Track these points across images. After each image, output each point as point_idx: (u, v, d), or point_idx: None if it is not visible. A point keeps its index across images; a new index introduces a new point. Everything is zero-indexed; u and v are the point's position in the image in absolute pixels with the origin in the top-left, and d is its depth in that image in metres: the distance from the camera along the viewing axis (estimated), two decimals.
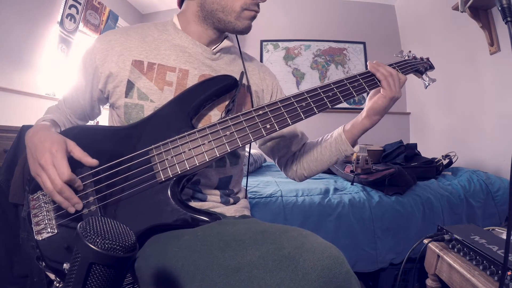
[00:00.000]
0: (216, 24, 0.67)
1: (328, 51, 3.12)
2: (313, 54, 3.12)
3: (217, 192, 0.71)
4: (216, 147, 0.57)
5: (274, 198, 1.36)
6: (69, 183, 0.52)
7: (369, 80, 0.69)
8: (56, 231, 0.55)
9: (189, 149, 0.57)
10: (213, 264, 0.43)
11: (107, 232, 0.34)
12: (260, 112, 0.60)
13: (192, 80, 0.67)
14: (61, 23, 2.21)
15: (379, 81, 0.68)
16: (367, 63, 0.70)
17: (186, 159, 0.57)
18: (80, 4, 2.34)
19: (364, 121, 0.70)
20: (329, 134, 0.78)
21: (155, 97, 0.65)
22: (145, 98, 0.65)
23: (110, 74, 0.66)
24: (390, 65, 0.73)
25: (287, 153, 0.83)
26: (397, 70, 0.72)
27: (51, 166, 0.52)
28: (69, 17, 2.26)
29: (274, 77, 0.83)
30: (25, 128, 0.86)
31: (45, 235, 0.55)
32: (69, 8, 2.26)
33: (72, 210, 0.53)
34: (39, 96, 2.09)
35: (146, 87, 0.65)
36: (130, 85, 0.65)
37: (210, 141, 0.58)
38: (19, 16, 1.90)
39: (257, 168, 2.23)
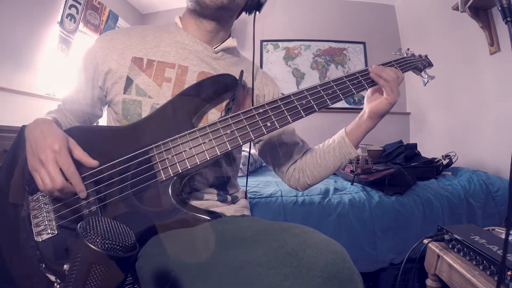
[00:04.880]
0: (198, 9, 0.66)
1: (328, 51, 3.12)
2: (313, 54, 3.12)
3: (213, 190, 0.70)
4: (217, 146, 0.57)
5: (274, 198, 1.36)
6: (72, 180, 0.53)
7: (368, 78, 0.69)
8: (56, 232, 0.55)
9: (190, 148, 0.57)
10: (216, 262, 0.43)
11: (107, 232, 0.34)
12: (261, 110, 0.60)
13: (191, 77, 0.67)
14: (61, 23, 2.21)
15: (383, 88, 0.67)
16: (369, 69, 0.69)
17: (187, 158, 0.56)
18: (80, 4, 2.33)
19: (368, 123, 0.71)
20: (330, 139, 0.77)
21: (153, 93, 0.65)
22: (143, 94, 0.65)
23: (109, 71, 0.66)
24: (389, 63, 0.72)
25: (289, 161, 0.82)
26: (396, 67, 0.72)
27: (52, 163, 0.51)
28: (69, 17, 2.26)
29: (276, 85, 0.83)
30: (25, 128, 0.86)
31: (45, 236, 0.55)
32: (69, 8, 2.25)
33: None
34: (39, 96, 2.09)
35: (144, 84, 0.65)
36: (129, 82, 0.65)
37: (211, 139, 0.57)
38: (19, 16, 1.90)
39: (257, 168, 2.23)
